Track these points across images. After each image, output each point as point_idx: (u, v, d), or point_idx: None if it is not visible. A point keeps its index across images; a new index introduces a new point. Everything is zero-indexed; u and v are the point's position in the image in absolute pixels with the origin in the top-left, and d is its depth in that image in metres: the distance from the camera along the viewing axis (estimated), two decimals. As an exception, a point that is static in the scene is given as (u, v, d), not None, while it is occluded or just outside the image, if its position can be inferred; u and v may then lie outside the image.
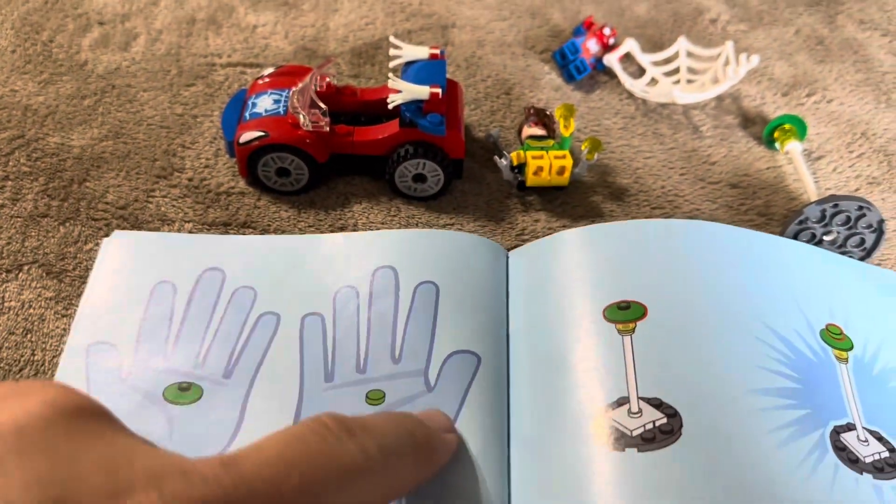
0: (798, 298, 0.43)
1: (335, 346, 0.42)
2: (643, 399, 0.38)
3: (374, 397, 0.40)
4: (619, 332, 0.41)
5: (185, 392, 0.40)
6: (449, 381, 0.40)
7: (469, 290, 0.44)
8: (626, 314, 0.41)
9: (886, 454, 0.38)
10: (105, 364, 0.41)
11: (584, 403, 0.38)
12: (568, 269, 0.44)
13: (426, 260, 0.45)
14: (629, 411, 0.38)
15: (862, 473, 0.36)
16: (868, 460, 0.37)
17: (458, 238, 0.46)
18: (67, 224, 0.48)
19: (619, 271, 0.43)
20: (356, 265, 0.45)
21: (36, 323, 0.44)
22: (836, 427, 0.38)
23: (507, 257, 0.47)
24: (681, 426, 0.37)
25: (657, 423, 0.37)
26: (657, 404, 0.38)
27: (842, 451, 0.37)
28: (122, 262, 0.45)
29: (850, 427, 0.38)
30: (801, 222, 0.47)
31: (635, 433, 0.37)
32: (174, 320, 0.43)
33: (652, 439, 0.37)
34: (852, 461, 0.37)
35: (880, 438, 0.38)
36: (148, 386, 0.40)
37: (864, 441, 0.38)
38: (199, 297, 0.44)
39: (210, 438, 0.38)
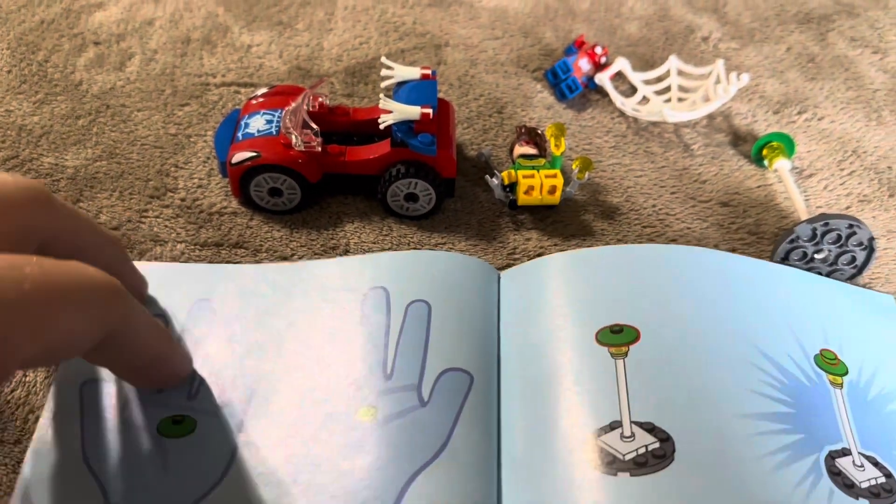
0: (792, 323, 0.43)
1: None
2: (636, 423, 0.38)
3: (365, 417, 0.40)
4: (612, 355, 0.41)
5: (178, 425, 0.40)
6: (443, 396, 0.40)
7: (461, 309, 0.44)
8: (618, 338, 0.41)
9: (883, 479, 0.38)
10: (100, 401, 0.40)
11: (576, 427, 0.38)
12: (560, 291, 0.44)
13: (418, 279, 0.45)
14: (622, 435, 0.38)
15: (858, 499, 0.36)
16: (864, 485, 0.37)
17: (449, 258, 0.47)
18: (60, 244, 0.48)
19: (610, 295, 0.43)
20: (347, 290, 0.45)
21: (28, 344, 0.44)
22: (830, 452, 0.38)
23: (499, 278, 0.47)
24: (673, 451, 0.37)
25: (650, 448, 0.37)
26: (650, 428, 0.38)
27: (837, 475, 0.37)
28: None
29: (845, 452, 0.38)
30: (792, 241, 0.47)
31: (627, 457, 0.37)
32: None
33: (644, 464, 0.37)
34: (848, 486, 0.37)
35: (876, 464, 0.38)
36: (141, 421, 0.40)
37: (860, 466, 0.38)
38: (190, 328, 0.44)
39: (204, 470, 0.38)
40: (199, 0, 0.67)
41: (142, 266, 0.45)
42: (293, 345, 0.43)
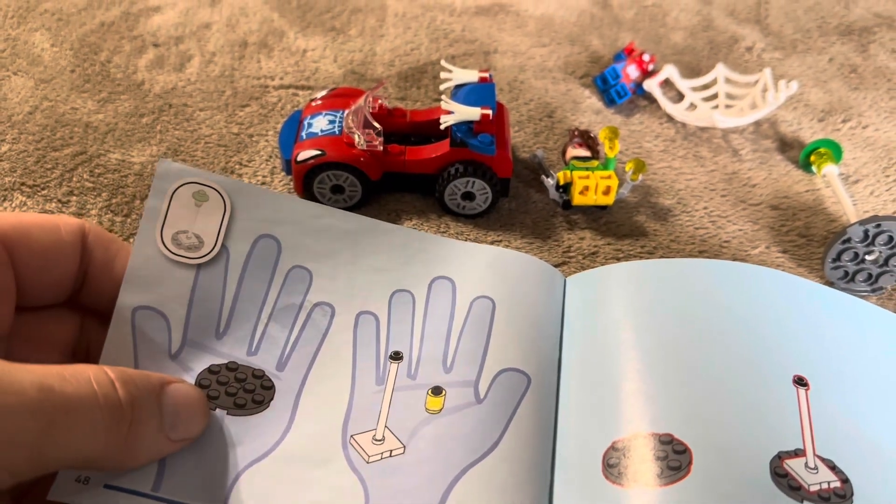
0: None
1: (388, 350, 0.42)
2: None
3: (435, 398, 0.40)
4: None
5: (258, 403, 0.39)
6: (499, 395, 0.41)
7: (525, 310, 0.44)
8: None
9: (837, 484, 0.37)
10: (154, 335, 0.38)
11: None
12: (627, 303, 0.45)
13: (485, 275, 0.45)
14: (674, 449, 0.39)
15: (802, 502, 0.37)
16: (814, 489, 0.37)
17: (518, 258, 0.47)
18: (131, 240, 0.50)
19: (684, 311, 0.44)
20: (414, 270, 0.45)
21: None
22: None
23: (565, 283, 0.47)
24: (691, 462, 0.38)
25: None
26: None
27: (782, 477, 0.37)
28: (168, 206, 0.40)
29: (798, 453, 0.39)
30: (844, 241, 0.48)
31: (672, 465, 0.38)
32: (227, 294, 0.40)
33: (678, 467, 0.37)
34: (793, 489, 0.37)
35: (833, 468, 0.39)
36: (199, 370, 0.38)
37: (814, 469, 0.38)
38: (252, 270, 0.41)
39: (258, 439, 0.37)
40: (254, 5, 0.69)
41: (211, 176, 0.41)
42: (356, 313, 0.43)
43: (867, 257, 0.49)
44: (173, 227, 0.40)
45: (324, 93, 0.55)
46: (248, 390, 0.39)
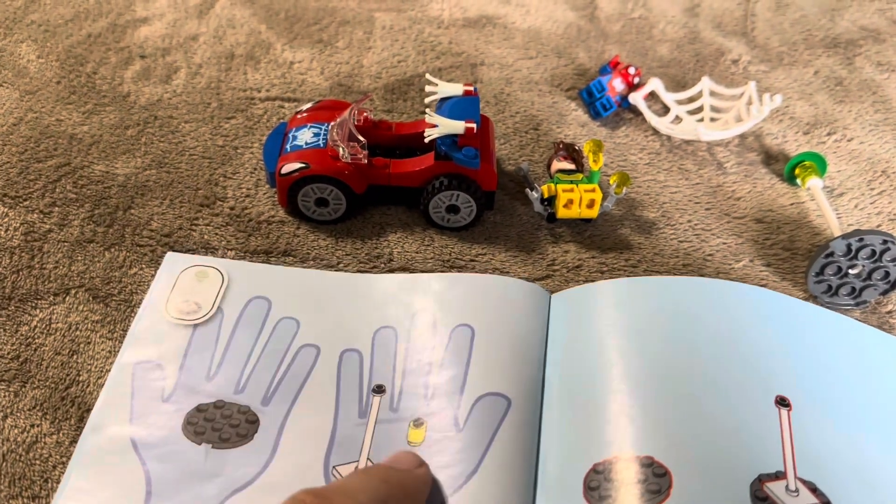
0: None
1: (371, 384, 0.43)
2: None
3: (417, 430, 0.41)
4: None
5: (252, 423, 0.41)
6: (478, 421, 0.41)
7: (506, 333, 0.45)
8: None
9: None
10: (150, 384, 0.42)
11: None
12: (612, 322, 0.45)
13: (466, 303, 0.46)
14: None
15: None
16: None
17: (500, 282, 0.48)
18: (113, 249, 0.50)
19: (668, 331, 0.44)
20: (395, 306, 0.46)
21: (82, 345, 0.45)
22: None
23: (550, 300, 0.48)
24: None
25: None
26: None
27: (762, 501, 0.37)
28: (167, 284, 0.47)
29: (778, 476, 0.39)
30: (827, 255, 0.48)
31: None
32: (219, 345, 0.44)
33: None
34: None
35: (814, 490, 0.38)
36: (189, 410, 0.41)
37: (794, 492, 0.38)
38: (244, 324, 0.45)
39: (241, 469, 0.39)
40: (242, 17, 0.69)
41: (205, 259, 0.48)
42: (340, 351, 0.45)
43: (850, 271, 0.49)
44: (175, 299, 0.46)
45: (309, 105, 0.55)
46: (233, 425, 0.41)
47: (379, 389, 0.43)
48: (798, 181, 0.56)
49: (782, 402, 0.41)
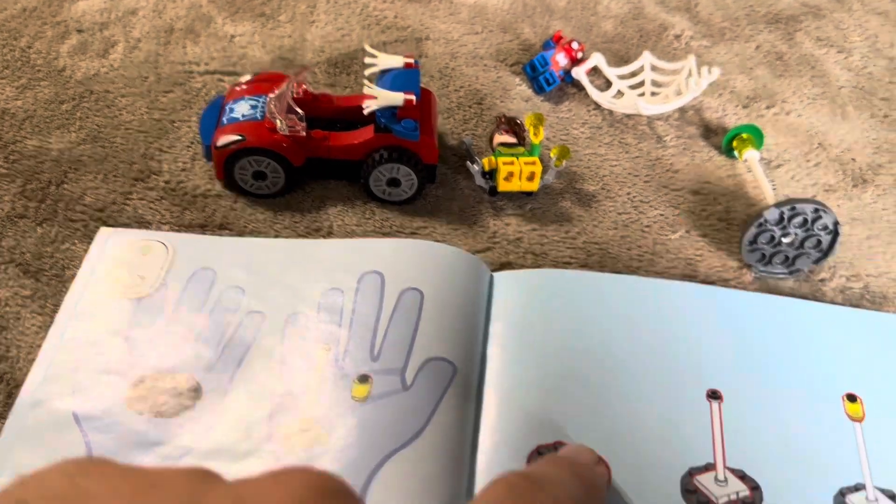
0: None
1: (316, 343, 0.43)
2: None
3: (361, 385, 0.41)
4: None
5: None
6: (425, 383, 0.41)
7: (453, 302, 0.45)
8: None
9: (746, 493, 0.39)
10: (93, 357, 0.42)
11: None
12: (553, 312, 0.46)
13: (413, 268, 0.46)
14: None
15: None
16: (722, 501, 0.39)
17: (447, 251, 0.48)
18: (45, 225, 0.49)
19: (605, 327, 0.45)
20: (343, 269, 0.46)
21: (12, 321, 0.44)
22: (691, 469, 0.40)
23: (492, 278, 0.48)
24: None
25: None
26: None
27: (691, 493, 0.39)
28: (109, 259, 0.46)
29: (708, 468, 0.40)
30: (760, 224, 0.49)
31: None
32: (163, 317, 0.44)
33: None
34: None
35: (742, 477, 0.40)
36: (132, 381, 0.42)
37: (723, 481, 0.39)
38: (189, 295, 0.45)
39: (180, 437, 0.40)
40: (183, -9, 0.68)
41: (140, 232, 0.48)
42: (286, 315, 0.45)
43: (783, 240, 0.50)
44: (119, 273, 0.46)
45: (248, 78, 0.55)
46: (176, 394, 0.41)
47: (324, 348, 0.43)
48: (736, 153, 0.57)
49: (713, 395, 0.42)
